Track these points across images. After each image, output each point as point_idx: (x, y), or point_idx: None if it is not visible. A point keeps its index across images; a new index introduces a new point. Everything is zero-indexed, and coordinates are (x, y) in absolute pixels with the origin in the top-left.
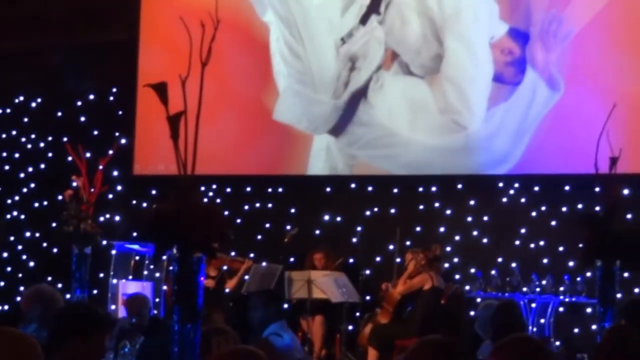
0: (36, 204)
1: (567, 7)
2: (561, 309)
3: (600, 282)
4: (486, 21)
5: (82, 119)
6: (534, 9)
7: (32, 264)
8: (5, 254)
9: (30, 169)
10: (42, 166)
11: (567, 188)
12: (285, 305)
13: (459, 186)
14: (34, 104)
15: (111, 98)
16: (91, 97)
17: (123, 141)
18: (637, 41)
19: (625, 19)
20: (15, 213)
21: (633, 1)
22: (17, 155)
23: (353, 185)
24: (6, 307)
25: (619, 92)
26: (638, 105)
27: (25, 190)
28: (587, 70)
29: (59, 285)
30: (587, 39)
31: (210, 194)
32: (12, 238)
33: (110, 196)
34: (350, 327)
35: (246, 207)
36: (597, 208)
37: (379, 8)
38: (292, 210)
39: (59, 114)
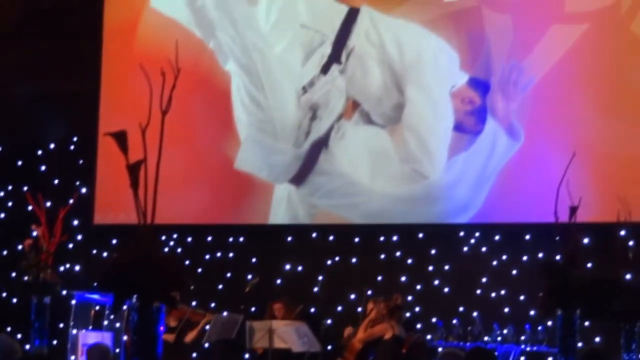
0: None
1: (527, 57)
2: (522, 358)
3: (560, 331)
4: (447, 71)
5: (43, 168)
6: (494, 59)
7: None
8: None
9: None
10: (2, 215)
11: (527, 237)
12: (247, 355)
13: (420, 235)
14: None
15: (72, 147)
16: (52, 146)
17: (83, 190)
18: (596, 89)
19: (584, 67)
20: None
21: (591, 50)
22: None
23: (314, 235)
24: None
25: (579, 141)
26: (597, 154)
27: None
28: (547, 119)
29: (18, 336)
30: (546, 88)
31: (171, 243)
32: None
33: (71, 245)
34: None
35: (207, 257)
36: (558, 257)
37: (340, 57)
38: (253, 260)
39: (19, 162)
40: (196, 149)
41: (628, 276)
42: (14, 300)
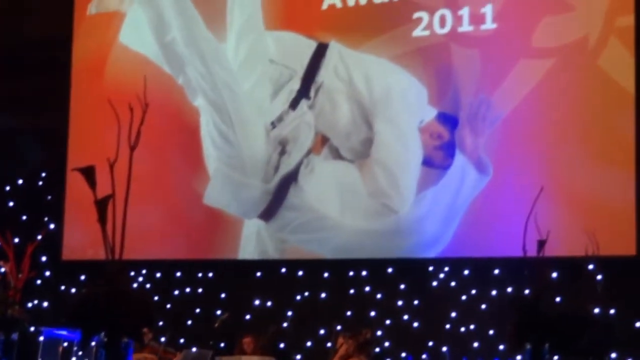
0: None
1: (495, 91)
2: None
3: None
4: (415, 105)
5: (11, 203)
6: (463, 94)
7: None
8: None
9: None
10: None
11: (496, 271)
12: None
13: (390, 270)
14: None
15: (40, 183)
16: (20, 181)
17: (52, 226)
18: (564, 124)
19: (551, 102)
20: None
21: (559, 85)
22: None
23: (283, 270)
24: None
25: (547, 175)
26: (565, 188)
27: None
28: (515, 153)
29: None
30: (515, 122)
31: (140, 279)
32: None
33: (39, 282)
34: None
35: (176, 292)
36: (527, 291)
37: (309, 93)
38: (223, 295)
39: None
40: (165, 184)
41: (596, 310)
42: None
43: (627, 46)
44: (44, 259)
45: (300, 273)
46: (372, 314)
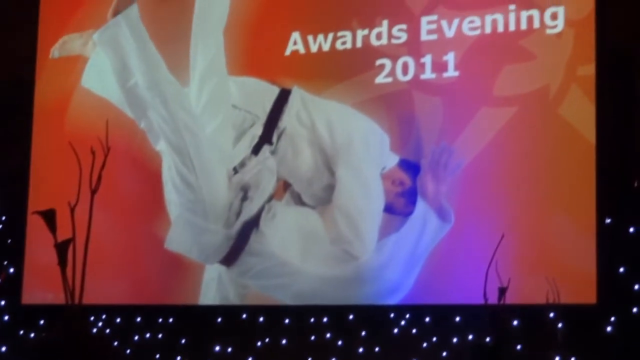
0: None
1: (457, 139)
2: None
3: None
4: (377, 152)
5: None
6: (425, 141)
7: None
8: None
9: None
10: None
11: (457, 319)
12: None
13: (350, 317)
14: None
15: (0, 226)
16: None
17: (12, 270)
18: (526, 172)
19: (513, 149)
20: None
21: (520, 133)
22: None
23: (244, 316)
24: None
25: (508, 222)
26: (526, 236)
27: None
28: (477, 201)
29: None
30: (476, 170)
31: (100, 323)
32: None
33: None
34: None
35: (136, 338)
36: (487, 339)
37: (272, 138)
38: (183, 341)
39: None
40: (126, 229)
41: (557, 358)
42: None
43: (588, 95)
44: (2, 303)
45: (261, 319)
46: None
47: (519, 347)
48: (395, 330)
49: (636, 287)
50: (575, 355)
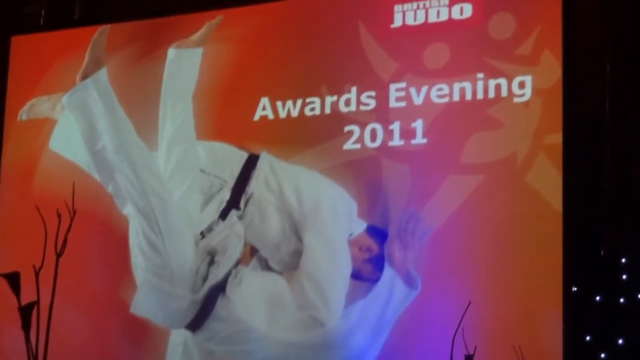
0: None
1: (424, 205)
2: None
3: None
4: (345, 218)
5: None
6: (392, 207)
7: None
8: None
9: None
10: None
11: None
12: None
13: None
14: None
15: None
16: None
17: None
18: (493, 239)
19: (480, 217)
20: None
21: (487, 201)
22: None
23: None
24: None
25: (474, 289)
26: (493, 303)
27: None
28: (444, 268)
29: None
30: (444, 237)
31: None
32: None
33: None
34: None
35: None
36: None
37: (239, 203)
38: None
39: None
40: (91, 292)
41: None
42: None
43: (555, 164)
44: None
45: None
46: None
47: None
48: None
49: (602, 355)
50: None
